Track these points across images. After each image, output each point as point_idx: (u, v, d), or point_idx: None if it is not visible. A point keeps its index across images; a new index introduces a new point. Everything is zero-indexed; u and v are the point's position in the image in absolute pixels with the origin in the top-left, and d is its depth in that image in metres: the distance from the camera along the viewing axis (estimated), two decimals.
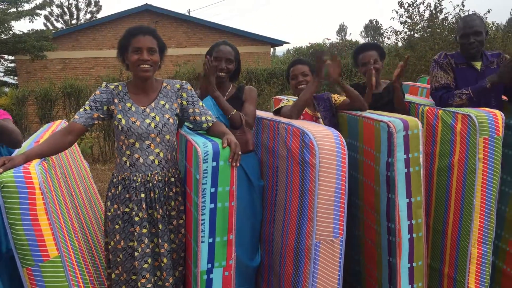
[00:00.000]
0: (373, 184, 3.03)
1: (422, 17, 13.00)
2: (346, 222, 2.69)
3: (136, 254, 2.62)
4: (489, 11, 13.08)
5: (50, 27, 32.91)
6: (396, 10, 13.08)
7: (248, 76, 14.17)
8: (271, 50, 23.96)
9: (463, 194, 3.02)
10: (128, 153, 2.66)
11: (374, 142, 2.96)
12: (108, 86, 2.71)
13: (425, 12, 12.99)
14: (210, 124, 2.81)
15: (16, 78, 21.44)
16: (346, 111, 3.43)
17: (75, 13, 35.45)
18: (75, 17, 35.44)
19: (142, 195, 2.64)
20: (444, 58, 3.49)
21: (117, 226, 2.66)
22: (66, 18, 35.39)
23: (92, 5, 35.52)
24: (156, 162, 2.67)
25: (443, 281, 3.22)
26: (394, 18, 13.40)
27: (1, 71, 24.23)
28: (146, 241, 2.63)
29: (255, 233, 3.31)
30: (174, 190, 2.73)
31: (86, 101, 2.73)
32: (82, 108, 2.67)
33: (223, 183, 2.49)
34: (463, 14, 12.27)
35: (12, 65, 23.27)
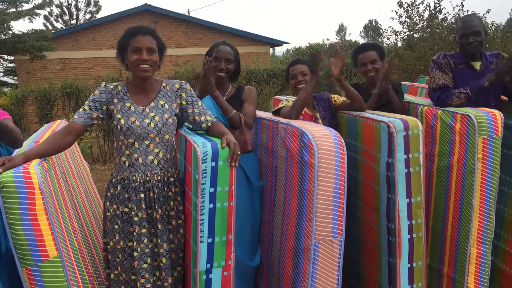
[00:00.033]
0: (373, 184, 3.03)
1: (422, 17, 13.00)
2: (345, 222, 2.69)
3: (135, 254, 2.62)
4: (488, 11, 13.08)
5: (50, 27, 32.86)
6: (395, 10, 13.09)
7: (247, 76, 14.16)
8: (271, 50, 23.97)
9: (462, 194, 3.02)
10: (127, 153, 2.66)
11: (374, 143, 2.96)
12: (107, 86, 2.71)
13: (424, 12, 12.99)
14: (210, 124, 2.81)
15: (15, 78, 21.43)
16: (345, 112, 3.43)
17: (75, 13, 35.43)
18: (75, 17, 35.42)
19: (142, 195, 2.63)
20: (443, 58, 3.49)
21: (116, 226, 2.66)
22: (66, 18, 35.38)
23: (91, 5, 35.51)
24: (155, 162, 2.67)
25: (443, 281, 3.22)
26: (393, 18, 13.41)
27: (0, 71, 24.22)
28: (145, 241, 2.63)
29: (255, 233, 3.31)
30: (173, 190, 2.73)
31: (85, 101, 2.73)
32: (82, 108, 2.67)
33: (222, 183, 2.49)
34: (463, 14, 12.27)
35: (11, 65, 23.26)
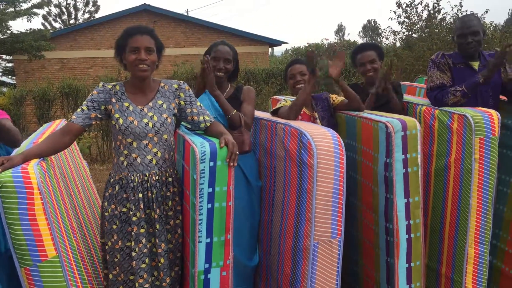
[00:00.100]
0: (371, 184, 3.03)
1: (420, 17, 13.04)
2: (344, 223, 2.69)
3: (133, 254, 2.61)
4: (487, 12, 13.13)
5: (48, 27, 32.83)
6: (394, 11, 13.12)
7: (246, 76, 14.16)
8: (269, 50, 23.96)
9: (460, 194, 3.02)
10: (125, 152, 2.66)
11: (372, 143, 2.97)
12: (105, 85, 2.71)
13: (423, 12, 13.04)
14: (208, 124, 2.81)
15: (14, 78, 21.40)
16: (344, 112, 3.43)
17: (73, 13, 35.38)
18: (73, 17, 35.37)
19: (140, 195, 2.63)
20: (441, 58, 3.49)
21: (114, 226, 2.66)
22: (64, 18, 35.33)
23: (90, 5, 35.47)
24: (153, 161, 2.67)
25: (441, 281, 3.22)
26: (392, 19, 13.46)
27: None
28: (143, 241, 2.63)
29: (253, 233, 3.31)
30: (171, 190, 2.72)
31: (84, 101, 2.72)
32: (80, 108, 2.67)
33: (221, 183, 2.49)
34: (461, 14, 12.30)
35: (10, 65, 23.26)
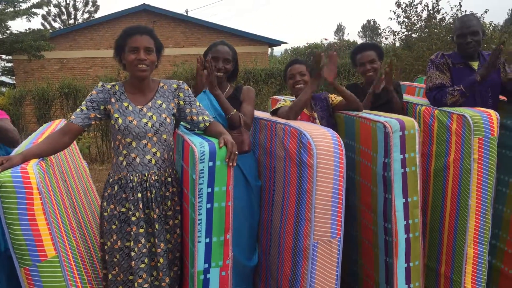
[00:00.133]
0: (370, 184, 3.04)
1: (420, 17, 13.04)
2: (344, 222, 2.70)
3: (132, 254, 2.61)
4: (486, 12, 13.12)
5: (48, 27, 32.85)
6: (393, 11, 13.12)
7: (246, 76, 14.15)
8: (269, 50, 23.97)
9: (459, 195, 3.03)
10: (124, 152, 2.66)
11: (371, 143, 2.97)
12: (104, 85, 2.71)
13: (422, 12, 13.04)
14: (207, 124, 2.81)
15: (13, 77, 21.39)
16: (343, 111, 3.43)
17: (73, 12, 35.38)
18: (73, 17, 35.38)
19: (139, 195, 2.63)
20: (440, 58, 3.49)
21: (113, 226, 2.66)
22: (64, 18, 35.33)
23: (89, 4, 35.48)
24: (153, 161, 2.67)
25: (440, 281, 3.22)
26: (391, 19, 13.46)
27: None
28: (143, 241, 2.63)
29: (253, 233, 3.31)
30: (170, 190, 2.73)
31: (83, 101, 2.72)
32: (79, 108, 2.66)
33: (220, 183, 2.49)
34: (461, 14, 12.29)
35: (9, 64, 23.23)
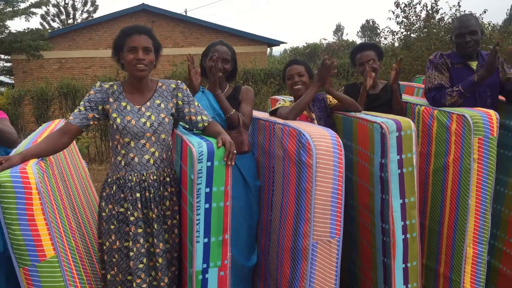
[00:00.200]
0: (367, 185, 3.04)
1: (419, 17, 13.05)
2: (343, 222, 2.70)
3: (131, 254, 2.61)
4: (485, 12, 13.13)
5: (47, 27, 32.83)
6: (392, 11, 13.12)
7: (245, 76, 14.15)
8: (268, 50, 23.98)
9: (458, 194, 3.03)
10: (123, 152, 2.66)
11: (368, 143, 2.97)
12: (102, 85, 2.70)
13: (421, 12, 13.04)
14: (206, 124, 2.81)
15: (12, 77, 21.37)
16: (340, 112, 3.44)
17: (72, 12, 35.37)
18: (72, 16, 35.36)
19: (137, 195, 2.63)
20: (439, 58, 3.49)
21: (112, 226, 2.65)
22: (63, 17, 35.31)
23: (88, 4, 35.47)
24: (151, 161, 2.67)
25: (439, 280, 3.23)
26: (390, 19, 13.45)
27: None
28: (141, 240, 2.63)
29: (251, 233, 3.31)
30: (169, 190, 2.72)
31: (82, 101, 2.72)
32: (77, 108, 2.66)
33: (218, 183, 2.49)
34: (459, 14, 12.30)
35: (8, 64, 23.20)
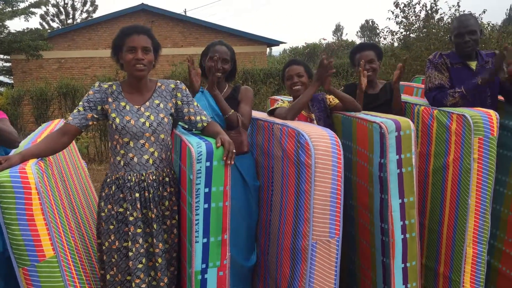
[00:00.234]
0: (366, 184, 3.04)
1: (418, 17, 13.05)
2: (342, 222, 2.70)
3: (130, 254, 2.61)
4: (484, 12, 13.14)
5: (46, 27, 32.83)
6: (392, 11, 13.13)
7: (244, 76, 14.16)
8: (267, 50, 23.99)
9: (458, 194, 3.03)
10: (122, 152, 2.65)
11: (367, 143, 2.97)
12: (101, 85, 2.70)
13: (420, 12, 13.04)
14: (205, 124, 2.81)
15: (11, 77, 21.37)
16: (340, 112, 3.43)
17: (71, 12, 35.37)
18: (71, 16, 35.36)
19: (137, 195, 2.63)
20: (439, 58, 3.49)
21: (111, 227, 2.65)
22: (62, 17, 35.32)
23: (88, 4, 35.47)
24: (150, 161, 2.66)
25: (439, 280, 3.23)
26: (390, 19, 13.45)
27: None
28: (140, 241, 2.62)
29: (251, 233, 3.31)
30: (168, 190, 2.72)
31: (81, 101, 2.72)
32: (76, 109, 2.66)
33: (217, 183, 2.49)
34: (459, 14, 12.30)
35: (7, 64, 23.19)
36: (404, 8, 13.02)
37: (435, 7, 12.86)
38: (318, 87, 3.25)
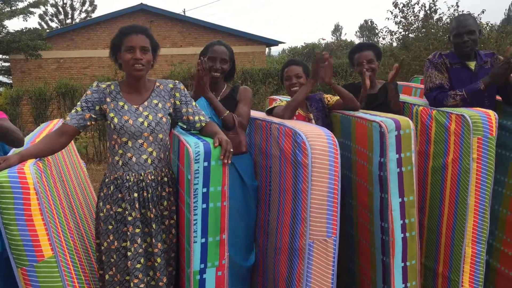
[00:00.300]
0: (366, 183, 3.04)
1: (417, 17, 13.05)
2: (339, 222, 2.70)
3: (129, 254, 2.61)
4: (483, 12, 13.14)
5: (45, 27, 32.81)
6: (391, 11, 13.13)
7: (243, 76, 14.17)
8: (266, 50, 23.98)
9: (457, 194, 3.03)
10: (120, 152, 2.65)
11: (367, 142, 2.97)
12: (99, 85, 2.70)
13: (419, 12, 13.05)
14: (203, 124, 2.81)
15: (10, 77, 21.36)
16: (339, 111, 3.43)
17: (70, 12, 35.37)
18: (70, 16, 35.36)
19: (135, 195, 2.63)
20: (438, 58, 3.49)
21: (110, 227, 2.65)
22: (61, 17, 35.32)
23: (87, 4, 35.46)
24: (149, 161, 2.66)
25: (438, 280, 3.23)
26: (389, 19, 13.46)
27: None
28: (139, 241, 2.62)
29: (249, 233, 3.31)
30: (167, 190, 2.72)
31: (79, 101, 2.71)
32: (74, 109, 2.65)
33: (215, 183, 2.49)
34: (458, 14, 12.31)
35: (6, 64, 23.18)
36: (403, 8, 13.02)
37: (434, 7, 12.86)
38: (313, 84, 3.24)
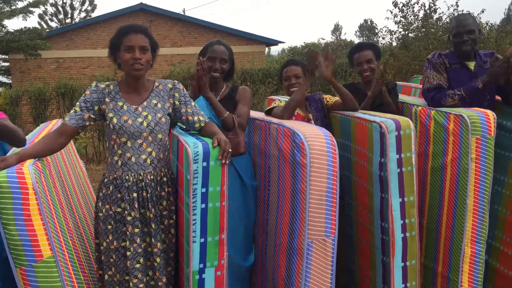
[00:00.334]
0: (366, 184, 3.04)
1: (417, 17, 13.03)
2: (338, 222, 2.70)
3: (128, 253, 2.61)
4: (483, 11, 13.14)
5: (45, 26, 32.80)
6: (390, 10, 13.12)
7: (243, 76, 14.17)
8: (266, 49, 23.96)
9: (456, 194, 3.03)
10: (119, 152, 2.65)
11: (367, 143, 2.97)
12: (98, 85, 2.69)
13: (419, 12, 13.03)
14: (203, 124, 2.81)
15: (9, 77, 21.35)
16: (338, 112, 3.43)
17: (70, 12, 35.36)
18: (70, 16, 35.35)
19: (135, 195, 2.63)
20: (438, 57, 3.49)
21: (109, 227, 2.65)
22: (61, 17, 35.30)
23: (86, 4, 35.45)
24: (148, 161, 2.66)
25: (437, 280, 3.23)
26: (388, 18, 13.44)
27: None
28: (138, 240, 2.62)
29: (248, 233, 3.31)
30: (166, 190, 2.72)
31: (78, 101, 2.71)
32: (73, 109, 2.65)
33: (214, 183, 2.49)
34: (457, 14, 12.30)
35: (5, 64, 23.18)
36: (402, 7, 13.00)
37: (434, 7, 12.84)
38: (309, 81, 3.24)
